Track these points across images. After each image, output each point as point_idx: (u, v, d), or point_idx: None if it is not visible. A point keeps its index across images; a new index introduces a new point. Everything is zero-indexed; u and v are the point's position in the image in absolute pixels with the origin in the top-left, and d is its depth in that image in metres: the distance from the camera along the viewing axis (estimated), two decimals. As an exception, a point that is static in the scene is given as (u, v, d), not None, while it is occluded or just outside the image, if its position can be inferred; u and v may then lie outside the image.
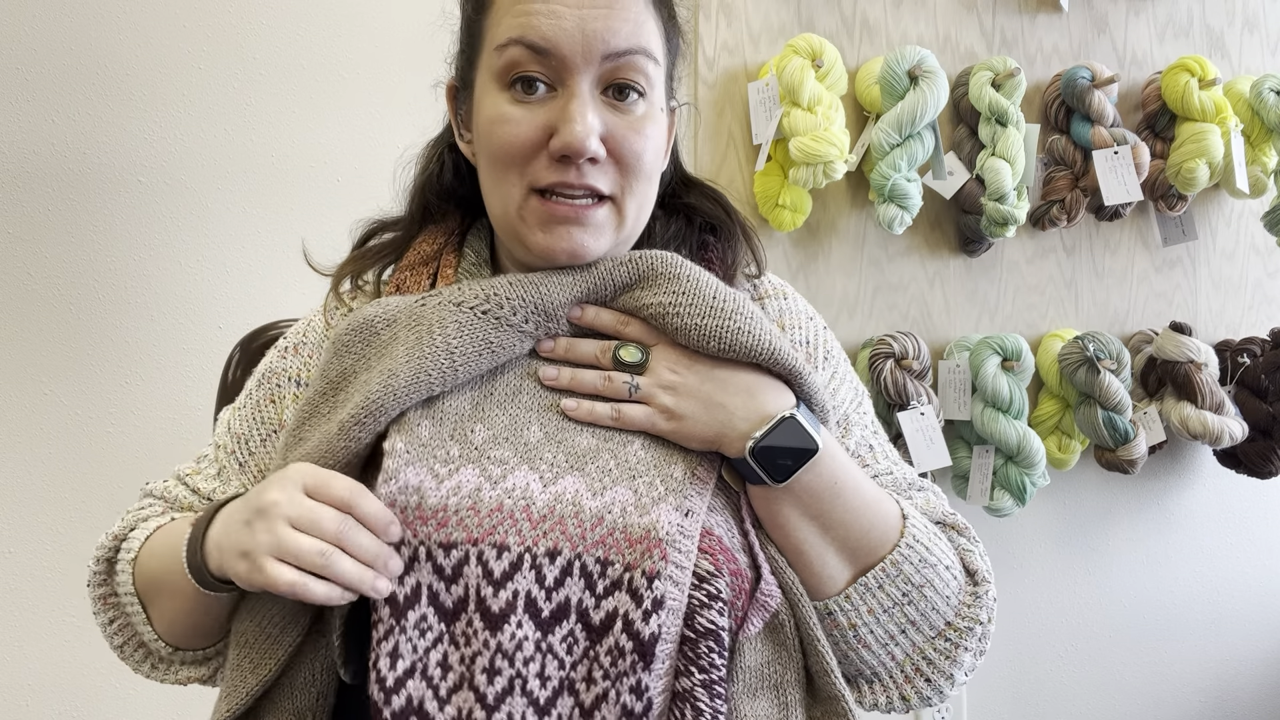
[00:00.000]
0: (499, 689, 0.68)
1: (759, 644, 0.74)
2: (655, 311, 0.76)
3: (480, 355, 0.74)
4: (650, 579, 0.69)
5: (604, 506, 0.71)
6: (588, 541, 0.70)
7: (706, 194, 0.90)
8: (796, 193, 1.53)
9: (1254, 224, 1.83)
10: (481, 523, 0.70)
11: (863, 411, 0.89)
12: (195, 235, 1.43)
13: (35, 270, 1.39)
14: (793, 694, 0.74)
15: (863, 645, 0.78)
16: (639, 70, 0.76)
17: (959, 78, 1.64)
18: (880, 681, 0.79)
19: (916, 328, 1.68)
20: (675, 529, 0.70)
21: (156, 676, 0.86)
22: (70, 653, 1.42)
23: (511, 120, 0.75)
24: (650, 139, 0.77)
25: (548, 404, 0.76)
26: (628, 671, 0.68)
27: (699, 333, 0.75)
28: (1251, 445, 1.72)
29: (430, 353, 0.73)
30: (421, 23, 0.88)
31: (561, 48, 0.73)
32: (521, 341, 0.76)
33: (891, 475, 0.86)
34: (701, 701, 0.68)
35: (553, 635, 0.69)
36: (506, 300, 0.75)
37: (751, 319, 0.76)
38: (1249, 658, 1.96)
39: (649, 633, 0.68)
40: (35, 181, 1.38)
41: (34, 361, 1.39)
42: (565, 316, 0.78)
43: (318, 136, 1.47)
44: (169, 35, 1.41)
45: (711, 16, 1.56)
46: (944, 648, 0.78)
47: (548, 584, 0.70)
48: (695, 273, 0.78)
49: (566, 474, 0.73)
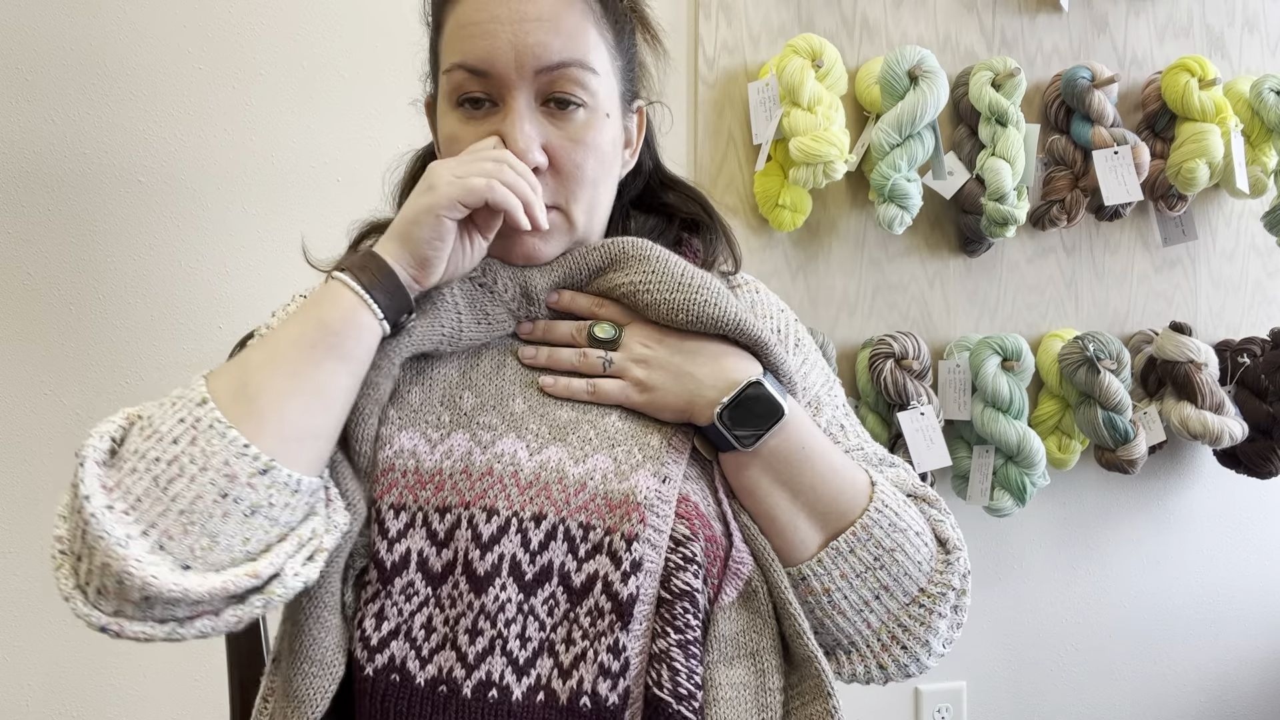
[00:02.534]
0: (479, 649, 0.71)
1: (734, 613, 0.76)
2: (626, 290, 0.80)
3: (479, 324, 0.79)
4: (629, 541, 0.72)
5: (586, 473, 0.75)
6: (571, 506, 0.74)
7: (686, 193, 0.94)
8: (796, 193, 1.53)
9: (1254, 224, 1.83)
10: (473, 486, 0.74)
11: (834, 395, 0.92)
12: (195, 235, 1.43)
13: (35, 270, 1.39)
14: (769, 660, 0.76)
15: (837, 611, 0.79)
16: (575, 82, 0.79)
17: (959, 78, 1.64)
18: (858, 650, 0.81)
19: (916, 328, 1.68)
20: (653, 494, 0.74)
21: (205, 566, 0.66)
22: (70, 653, 1.42)
23: (460, 139, 0.80)
24: (591, 148, 0.80)
25: (529, 380, 0.80)
26: (606, 631, 0.71)
27: (667, 306, 0.79)
28: (1251, 445, 1.72)
29: (443, 305, 0.78)
30: (421, 24, 0.89)
31: (496, 66, 0.77)
32: (508, 320, 0.81)
33: (862, 451, 0.89)
34: (678, 662, 0.72)
35: (535, 597, 0.72)
36: (499, 276, 0.81)
37: (718, 293, 0.79)
38: (1249, 658, 1.96)
39: (627, 594, 0.71)
40: (35, 181, 1.38)
41: (34, 361, 1.39)
42: (544, 301, 0.82)
43: (317, 137, 1.47)
44: (169, 35, 1.41)
45: (711, 16, 1.56)
46: (918, 614, 0.80)
47: (532, 547, 0.73)
48: (664, 254, 0.81)
49: (550, 444, 0.76)
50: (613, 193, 0.86)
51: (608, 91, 0.82)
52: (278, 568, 0.68)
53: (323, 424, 0.72)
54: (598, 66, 0.80)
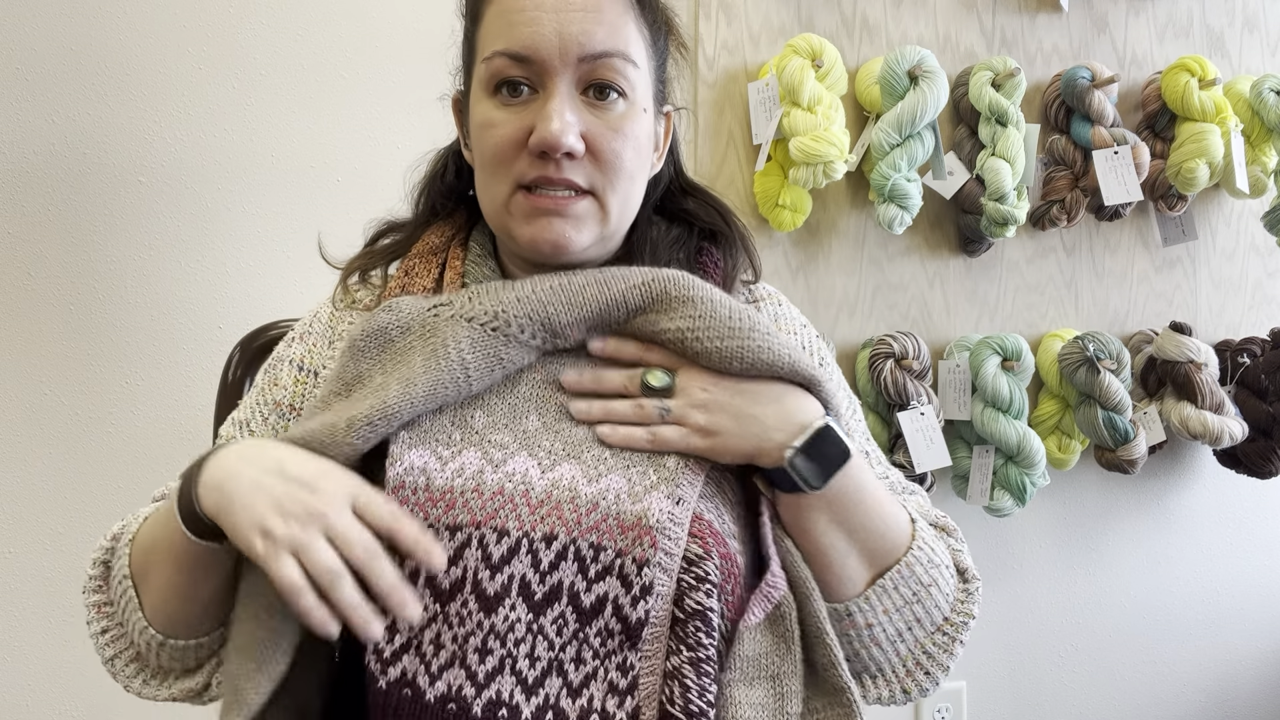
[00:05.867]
0: (489, 668, 0.71)
1: (759, 634, 0.75)
2: (673, 337, 0.78)
3: (492, 370, 0.77)
4: (640, 565, 0.72)
5: (599, 493, 0.74)
6: (582, 527, 0.73)
7: (707, 201, 0.93)
8: (796, 193, 1.53)
9: (1254, 224, 1.83)
10: (485, 505, 0.73)
11: (857, 419, 0.92)
12: (195, 235, 1.43)
13: (35, 270, 1.39)
14: (790, 684, 0.75)
15: (874, 643, 0.80)
16: (617, 72, 0.79)
17: (959, 78, 1.64)
18: (884, 676, 0.82)
19: (916, 328, 1.68)
20: (666, 517, 0.73)
21: (148, 693, 0.83)
22: (70, 653, 1.42)
23: (497, 123, 0.79)
24: (630, 138, 0.80)
25: (545, 396, 0.79)
26: (615, 651, 0.72)
27: (720, 355, 0.77)
28: (1251, 445, 1.72)
29: (446, 365, 0.75)
30: (422, 23, 0.89)
31: (540, 51, 0.77)
32: (529, 354, 0.79)
33: (888, 480, 0.89)
34: (689, 679, 0.71)
35: (544, 617, 0.72)
36: (514, 318, 0.77)
37: (768, 335, 0.78)
38: (1249, 658, 1.96)
39: (636, 617, 0.71)
40: (35, 181, 1.38)
41: (34, 361, 1.39)
42: (571, 335, 0.79)
43: (318, 136, 1.47)
44: (169, 35, 1.41)
45: (711, 16, 1.56)
46: (942, 641, 0.82)
47: (542, 568, 0.72)
48: (708, 293, 0.79)
49: (563, 461, 0.75)
50: (643, 191, 0.85)
51: (644, 87, 0.82)
52: (206, 682, 0.82)
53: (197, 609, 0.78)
54: (638, 60, 0.80)
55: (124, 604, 0.80)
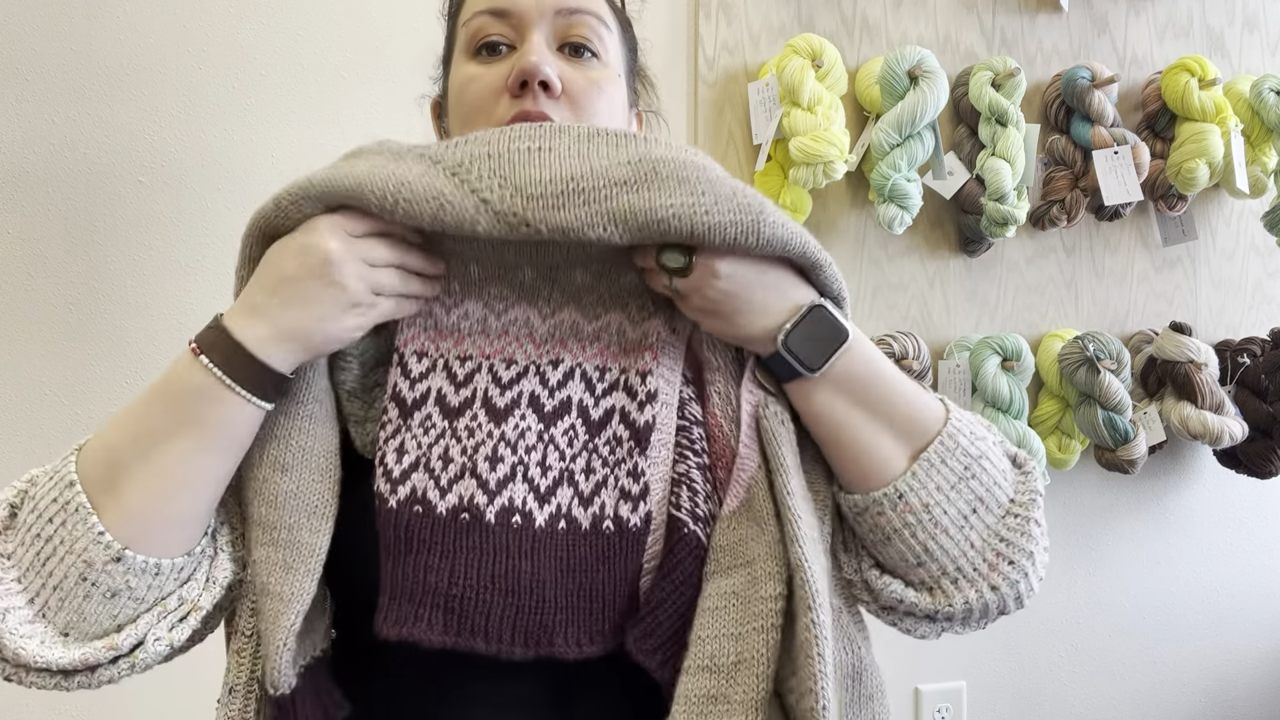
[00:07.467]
0: (501, 475, 0.71)
1: (734, 522, 0.75)
2: (679, 212, 0.69)
3: (425, 200, 0.69)
4: (643, 376, 0.75)
5: (600, 328, 0.77)
6: (587, 354, 0.76)
7: None
8: (796, 193, 1.53)
9: (1254, 224, 1.83)
10: (491, 343, 0.76)
11: None
12: (195, 235, 1.43)
13: (35, 270, 1.39)
14: (764, 566, 0.72)
15: (940, 530, 0.75)
16: (591, 30, 0.82)
17: (959, 78, 1.64)
18: (964, 575, 0.76)
19: (916, 328, 1.68)
20: (666, 335, 0.76)
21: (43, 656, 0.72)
22: (70, 653, 1.41)
23: (477, 78, 0.81)
24: (604, 94, 0.82)
25: (535, 248, 0.75)
26: (625, 458, 0.73)
27: (736, 230, 0.70)
28: (1251, 445, 1.72)
29: (382, 172, 0.72)
30: (422, 24, 0.90)
31: (518, 4, 0.80)
32: (483, 217, 0.68)
33: None
34: (696, 483, 0.74)
35: (554, 428, 0.74)
36: (473, 164, 0.70)
37: (778, 211, 0.73)
38: (1249, 658, 1.96)
39: (644, 421, 0.74)
40: (35, 181, 1.38)
41: (34, 361, 1.39)
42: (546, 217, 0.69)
43: (318, 137, 1.47)
44: (169, 35, 1.41)
45: (711, 16, 1.56)
46: (1015, 524, 0.77)
47: (551, 385, 0.75)
48: (706, 165, 0.72)
49: (563, 307, 0.77)
50: None
51: (617, 60, 0.84)
52: (139, 638, 0.72)
53: (190, 509, 0.72)
54: (611, 27, 0.84)
55: (58, 522, 0.70)
